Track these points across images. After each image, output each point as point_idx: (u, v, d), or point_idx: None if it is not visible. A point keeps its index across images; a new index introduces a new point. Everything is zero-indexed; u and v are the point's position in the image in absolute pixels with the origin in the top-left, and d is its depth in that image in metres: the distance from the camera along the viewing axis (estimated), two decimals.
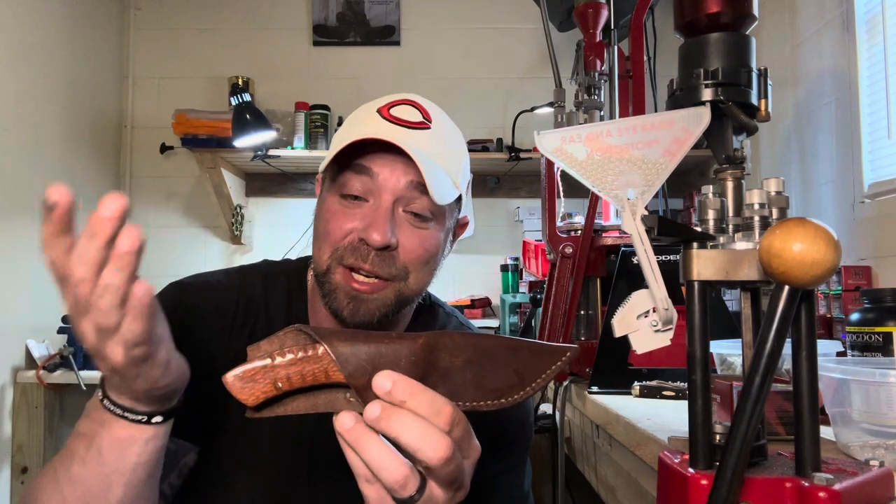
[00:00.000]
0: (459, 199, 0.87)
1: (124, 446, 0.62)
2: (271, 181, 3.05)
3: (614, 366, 1.26)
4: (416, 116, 0.82)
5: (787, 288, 0.47)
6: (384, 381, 0.51)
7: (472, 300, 2.87)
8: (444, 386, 0.54)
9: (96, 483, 0.63)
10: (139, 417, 0.61)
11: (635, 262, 1.31)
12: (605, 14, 1.66)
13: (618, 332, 0.56)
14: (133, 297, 0.52)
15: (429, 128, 0.82)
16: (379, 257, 0.78)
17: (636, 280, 0.74)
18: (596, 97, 1.60)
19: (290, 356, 0.52)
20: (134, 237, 0.50)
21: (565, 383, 1.46)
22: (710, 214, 0.56)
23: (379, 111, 0.82)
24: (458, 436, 0.52)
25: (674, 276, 0.56)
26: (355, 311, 0.79)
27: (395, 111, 0.82)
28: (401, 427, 0.50)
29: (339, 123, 2.92)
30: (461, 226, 0.92)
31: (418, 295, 0.85)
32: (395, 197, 0.79)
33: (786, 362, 0.83)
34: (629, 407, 1.09)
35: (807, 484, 0.49)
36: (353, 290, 0.79)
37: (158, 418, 0.62)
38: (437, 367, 0.54)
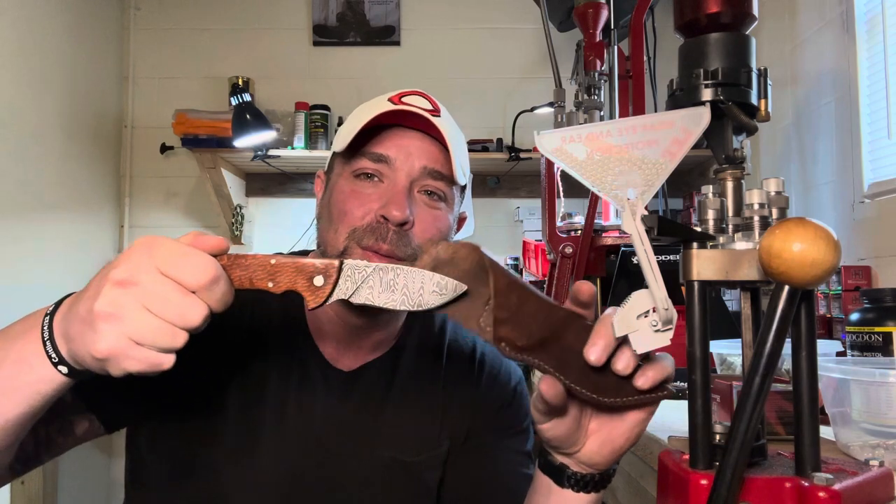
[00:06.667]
0: (462, 192, 0.89)
1: (23, 368, 0.57)
2: (271, 181, 3.05)
3: None
4: (426, 104, 0.84)
5: (786, 288, 0.47)
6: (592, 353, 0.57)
7: None
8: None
9: None
10: (53, 355, 0.56)
11: (635, 262, 1.30)
12: (605, 14, 1.67)
13: (618, 332, 0.56)
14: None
15: (439, 115, 0.84)
16: (397, 236, 0.79)
17: (636, 280, 0.74)
18: (596, 97, 1.61)
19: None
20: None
21: None
22: (710, 214, 0.56)
23: (390, 100, 0.84)
24: None
25: (674, 276, 0.56)
26: None
27: (406, 99, 0.84)
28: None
29: (340, 124, 2.93)
30: (461, 220, 0.93)
31: None
32: (411, 178, 0.81)
33: (786, 362, 0.83)
34: None
35: (807, 484, 0.49)
36: None
37: (63, 368, 0.57)
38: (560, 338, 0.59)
